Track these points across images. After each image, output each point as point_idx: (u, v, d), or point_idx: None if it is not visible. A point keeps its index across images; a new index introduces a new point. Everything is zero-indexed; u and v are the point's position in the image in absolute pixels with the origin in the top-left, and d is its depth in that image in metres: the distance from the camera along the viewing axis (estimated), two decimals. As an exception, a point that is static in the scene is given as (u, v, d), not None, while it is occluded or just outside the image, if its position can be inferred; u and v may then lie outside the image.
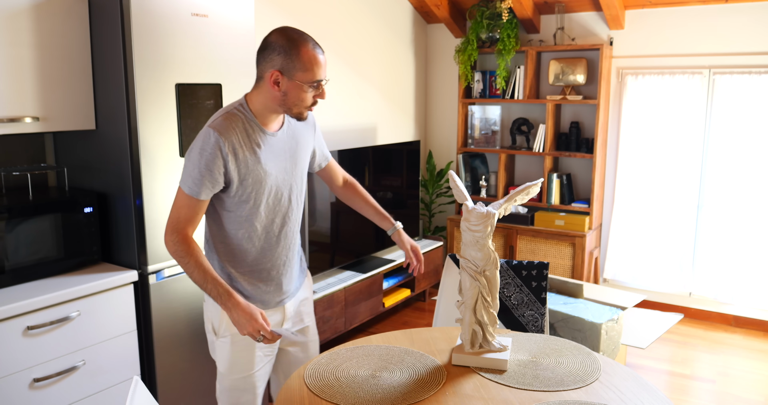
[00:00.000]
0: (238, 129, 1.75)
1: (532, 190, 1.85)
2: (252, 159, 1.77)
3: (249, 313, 1.69)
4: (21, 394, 2.03)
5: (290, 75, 1.72)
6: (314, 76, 1.73)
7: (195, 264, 1.73)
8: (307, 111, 1.82)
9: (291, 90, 1.74)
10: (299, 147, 1.94)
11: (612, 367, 1.80)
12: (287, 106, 1.77)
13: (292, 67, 1.71)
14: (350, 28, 4.21)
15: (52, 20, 2.20)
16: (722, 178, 4.10)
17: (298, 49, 1.70)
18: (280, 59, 1.71)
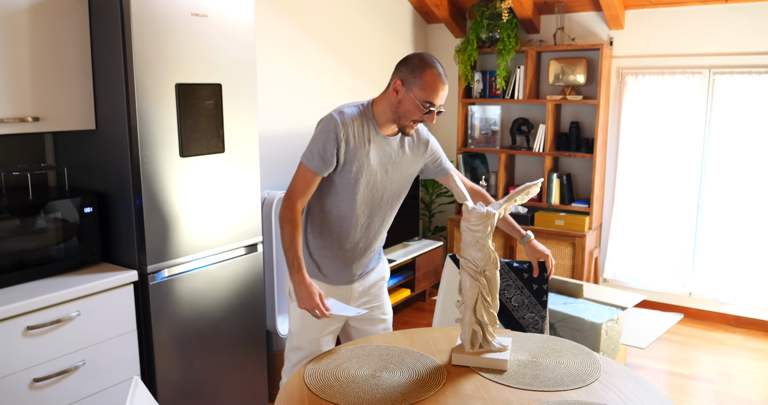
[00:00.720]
0: (356, 122, 2.01)
1: (532, 190, 1.85)
2: (360, 150, 2.01)
3: (309, 292, 1.91)
4: (21, 394, 2.03)
5: (409, 87, 1.96)
6: (427, 96, 1.95)
7: (289, 232, 1.98)
8: (411, 128, 2.02)
9: (405, 101, 1.97)
10: (406, 157, 2.14)
11: (612, 367, 1.80)
12: (398, 114, 2.00)
13: (413, 82, 1.95)
14: (350, 28, 4.21)
15: (51, 20, 2.20)
16: (722, 178, 4.10)
17: (423, 70, 1.95)
18: (407, 73, 1.97)
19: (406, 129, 2.02)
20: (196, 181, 2.47)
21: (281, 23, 3.64)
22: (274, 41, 3.62)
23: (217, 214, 2.57)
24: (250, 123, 2.68)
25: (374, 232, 2.17)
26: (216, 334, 2.63)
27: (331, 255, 2.13)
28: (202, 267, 2.54)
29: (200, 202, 2.50)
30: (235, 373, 2.75)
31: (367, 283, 2.25)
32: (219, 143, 2.54)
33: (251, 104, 2.68)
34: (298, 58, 3.79)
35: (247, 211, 2.71)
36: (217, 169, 2.55)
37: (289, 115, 3.77)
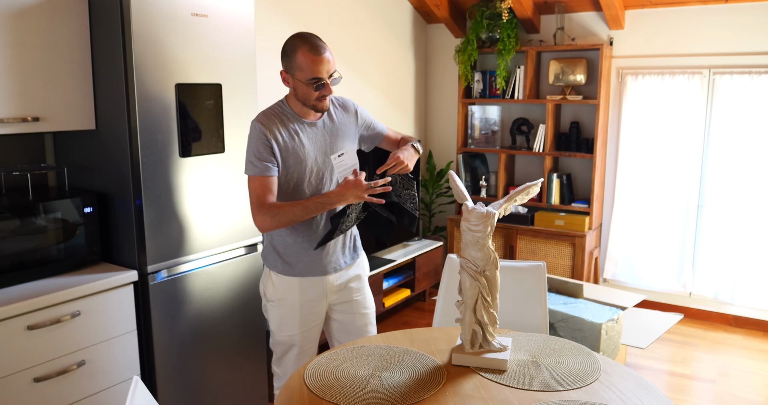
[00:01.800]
0: (276, 119, 2.08)
1: (532, 190, 1.85)
2: (290, 143, 2.06)
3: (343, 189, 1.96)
4: (21, 394, 2.03)
5: (292, 74, 2.03)
6: (309, 74, 1.98)
7: (292, 210, 1.99)
8: (321, 103, 2.06)
9: (297, 87, 2.04)
10: (340, 134, 2.19)
11: (612, 367, 1.80)
12: (301, 100, 2.06)
13: (291, 67, 2.02)
14: (350, 28, 4.21)
15: (52, 20, 2.20)
16: (722, 178, 4.10)
17: (295, 52, 1.99)
18: (284, 61, 2.04)
19: (318, 106, 2.07)
20: (196, 181, 2.47)
21: (281, 23, 3.64)
22: (274, 41, 3.62)
23: (217, 214, 2.57)
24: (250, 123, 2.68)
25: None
26: (216, 334, 2.63)
27: (301, 250, 2.16)
28: (202, 267, 2.54)
29: (200, 202, 2.50)
30: (235, 373, 2.75)
31: (344, 277, 2.26)
32: (219, 143, 2.54)
33: (251, 104, 2.68)
34: (298, 58, 3.79)
35: (247, 211, 2.70)
36: (217, 169, 2.55)
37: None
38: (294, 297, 2.19)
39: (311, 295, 2.21)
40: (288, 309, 2.20)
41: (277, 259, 2.18)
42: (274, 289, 2.20)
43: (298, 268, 2.18)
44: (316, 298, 2.22)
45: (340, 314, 2.30)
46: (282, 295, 2.19)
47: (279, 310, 2.21)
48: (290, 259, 2.17)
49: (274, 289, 2.20)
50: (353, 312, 2.31)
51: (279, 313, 2.21)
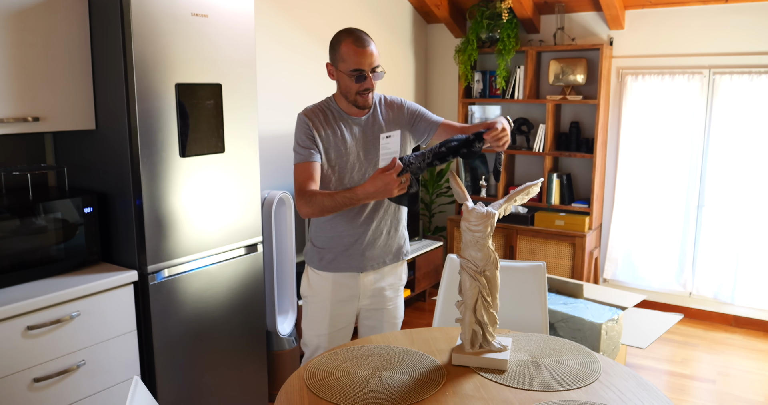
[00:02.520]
0: (320, 113, 2.12)
1: (532, 190, 1.85)
2: (333, 137, 2.09)
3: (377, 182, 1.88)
4: (21, 394, 2.03)
5: (336, 66, 2.08)
6: (351, 65, 2.02)
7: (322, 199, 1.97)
8: (364, 99, 2.08)
9: (340, 79, 2.09)
10: (386, 131, 2.16)
11: (612, 367, 1.80)
12: (344, 94, 2.10)
13: (335, 59, 2.07)
14: (350, 28, 4.21)
15: (52, 20, 2.20)
16: (722, 178, 4.10)
17: (339, 44, 2.04)
18: (331, 53, 2.09)
19: (359, 101, 2.08)
20: (196, 181, 2.47)
21: (281, 23, 3.64)
22: (274, 41, 3.62)
23: (217, 214, 2.57)
24: (250, 123, 2.68)
25: (381, 217, 2.18)
26: (216, 334, 2.63)
27: (340, 243, 2.16)
28: (202, 267, 2.54)
29: (200, 202, 2.50)
30: (235, 373, 2.75)
31: (381, 280, 2.26)
32: (219, 143, 2.54)
33: (251, 104, 2.68)
34: (298, 57, 3.79)
35: (247, 211, 2.71)
36: (217, 169, 2.55)
37: (289, 115, 3.77)
38: (326, 294, 2.19)
39: (344, 295, 2.20)
40: (319, 306, 2.21)
41: (315, 253, 2.20)
42: (308, 285, 2.23)
43: (334, 263, 2.18)
44: (348, 299, 2.22)
45: (369, 320, 2.31)
46: (315, 291, 2.21)
47: (311, 307, 2.22)
48: (326, 254, 2.18)
49: (309, 285, 2.23)
50: (382, 320, 2.31)
51: (310, 310, 2.22)
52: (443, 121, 2.28)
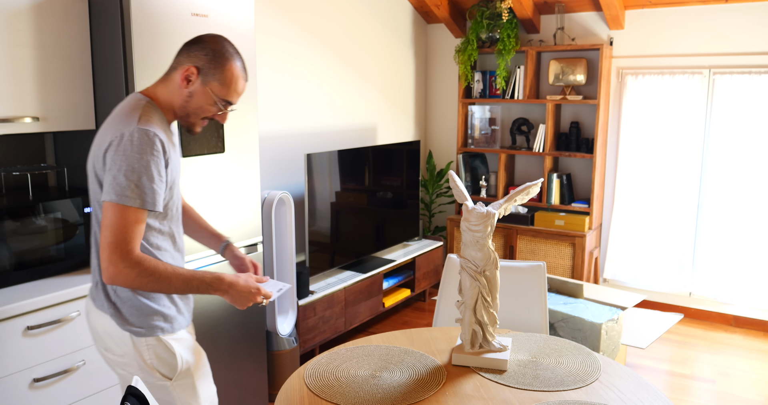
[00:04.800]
0: (160, 125, 1.58)
1: (532, 190, 1.85)
2: (175, 159, 1.64)
3: (245, 285, 1.61)
4: (21, 394, 2.03)
5: (206, 80, 1.61)
6: (227, 94, 1.63)
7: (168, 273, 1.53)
8: (200, 126, 1.68)
9: (197, 95, 1.62)
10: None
11: (612, 367, 1.80)
12: (187, 110, 1.63)
13: (211, 73, 1.61)
14: (350, 28, 4.21)
15: (52, 20, 2.20)
16: (722, 178, 4.10)
17: (227, 60, 1.61)
18: (205, 59, 1.60)
19: (194, 126, 1.66)
20: (196, 181, 2.47)
21: (281, 23, 3.64)
22: (274, 41, 3.62)
23: (217, 214, 2.57)
24: (250, 123, 2.68)
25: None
26: (216, 334, 2.63)
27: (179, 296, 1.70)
28: (202, 267, 2.54)
29: (200, 202, 2.50)
30: (235, 373, 2.75)
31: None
32: (219, 143, 2.54)
33: (251, 104, 2.68)
34: (298, 58, 3.79)
35: (247, 211, 2.71)
36: (217, 169, 2.55)
37: (289, 115, 3.77)
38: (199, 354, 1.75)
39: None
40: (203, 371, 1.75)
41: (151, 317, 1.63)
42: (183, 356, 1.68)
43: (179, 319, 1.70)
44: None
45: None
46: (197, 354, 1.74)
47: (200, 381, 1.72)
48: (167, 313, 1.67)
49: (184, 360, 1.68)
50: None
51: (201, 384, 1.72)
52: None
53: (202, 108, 1.63)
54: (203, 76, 1.60)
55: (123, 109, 1.59)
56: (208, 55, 1.60)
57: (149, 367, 1.63)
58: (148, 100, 1.62)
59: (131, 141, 1.49)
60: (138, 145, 1.49)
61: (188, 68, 1.60)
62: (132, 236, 1.50)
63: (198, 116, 1.65)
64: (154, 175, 1.51)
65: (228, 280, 1.60)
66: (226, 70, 1.61)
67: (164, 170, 1.55)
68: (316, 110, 3.97)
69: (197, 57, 1.61)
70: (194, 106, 1.63)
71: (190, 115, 1.65)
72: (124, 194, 1.48)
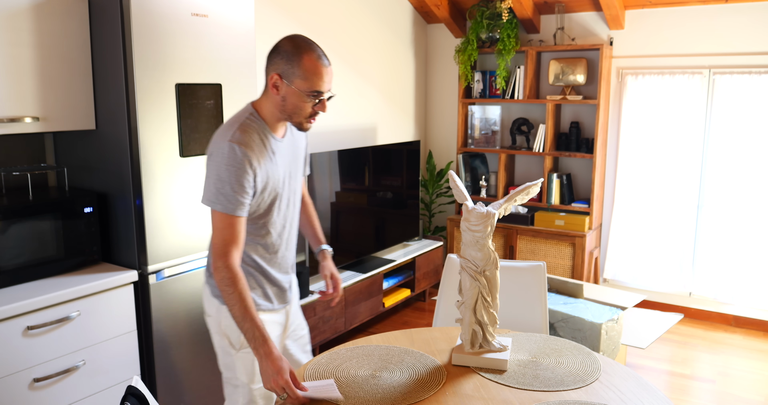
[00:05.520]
0: (256, 139, 1.75)
1: (532, 190, 1.85)
2: (270, 168, 1.79)
3: (279, 366, 1.60)
4: (21, 394, 2.03)
5: (289, 80, 1.72)
6: (312, 85, 1.72)
7: (238, 297, 1.67)
8: (309, 123, 1.80)
9: (289, 96, 1.74)
10: (298, 153, 1.97)
11: (612, 367, 1.80)
12: (287, 112, 1.77)
13: (291, 72, 1.71)
14: (350, 28, 4.21)
15: (52, 20, 2.20)
16: (722, 178, 4.10)
17: (300, 56, 1.71)
18: (282, 63, 1.72)
19: (303, 124, 1.79)
20: (196, 181, 2.47)
21: (281, 23, 3.64)
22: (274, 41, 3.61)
23: (217, 214, 2.57)
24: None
25: (294, 240, 2.00)
26: (216, 334, 2.63)
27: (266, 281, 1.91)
28: (202, 267, 2.54)
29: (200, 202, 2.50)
30: (235, 373, 2.75)
31: (294, 306, 2.06)
32: (219, 143, 2.54)
33: (251, 104, 2.68)
34: (298, 58, 3.79)
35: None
36: (217, 169, 2.55)
37: (289, 115, 3.77)
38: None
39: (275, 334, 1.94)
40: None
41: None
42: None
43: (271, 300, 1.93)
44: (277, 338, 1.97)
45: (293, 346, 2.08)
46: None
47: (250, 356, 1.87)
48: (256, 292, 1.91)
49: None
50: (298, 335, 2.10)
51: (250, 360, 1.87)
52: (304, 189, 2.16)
53: (297, 106, 1.75)
54: (286, 78, 1.72)
55: (228, 121, 1.79)
56: (284, 57, 1.72)
57: (222, 332, 1.86)
58: (251, 112, 1.79)
59: (222, 153, 1.70)
60: (226, 158, 1.69)
61: (272, 76, 1.74)
62: (225, 238, 1.71)
63: (299, 115, 1.77)
64: (237, 184, 1.69)
65: (266, 351, 1.63)
66: (302, 65, 1.71)
67: (249, 181, 1.71)
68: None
69: (276, 64, 1.74)
70: (290, 107, 1.75)
71: (292, 116, 1.78)
72: (212, 200, 1.71)
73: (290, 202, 1.92)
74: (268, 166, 1.77)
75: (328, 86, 1.76)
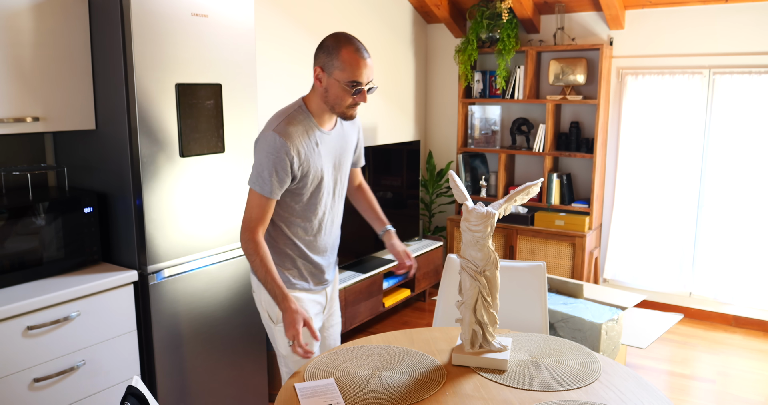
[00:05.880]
0: (300, 131, 1.91)
1: (532, 190, 1.85)
2: (312, 158, 1.94)
3: (293, 318, 1.81)
4: (21, 394, 2.03)
5: (329, 72, 1.87)
6: (350, 76, 1.85)
7: (260, 262, 1.89)
8: (352, 111, 1.94)
9: (330, 87, 1.89)
10: (347, 145, 2.10)
11: (612, 367, 1.80)
12: (330, 103, 1.92)
13: (331, 64, 1.86)
14: (350, 28, 4.21)
15: (52, 20, 2.20)
16: (722, 178, 4.10)
17: (339, 49, 1.85)
18: (323, 57, 1.88)
19: (346, 114, 1.94)
20: (196, 181, 2.47)
21: (281, 23, 3.64)
22: (274, 41, 3.62)
23: (217, 214, 2.57)
24: (250, 123, 2.68)
25: (337, 228, 2.18)
26: (216, 334, 2.63)
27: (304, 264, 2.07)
28: (202, 267, 2.54)
29: (200, 202, 2.50)
30: (235, 373, 2.75)
31: (332, 287, 2.22)
32: (219, 143, 2.54)
33: (251, 104, 2.68)
34: (298, 57, 3.79)
35: (247, 211, 2.71)
36: (217, 169, 2.55)
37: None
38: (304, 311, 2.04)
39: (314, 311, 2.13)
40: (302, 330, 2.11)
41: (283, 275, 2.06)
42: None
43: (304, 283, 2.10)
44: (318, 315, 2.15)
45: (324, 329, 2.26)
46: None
47: None
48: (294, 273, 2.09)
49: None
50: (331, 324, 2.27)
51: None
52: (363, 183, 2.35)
53: (338, 96, 1.89)
54: (327, 70, 1.88)
55: (278, 112, 1.97)
56: (324, 51, 1.88)
57: (262, 307, 2.08)
58: (300, 105, 1.96)
59: (266, 141, 1.88)
60: (268, 146, 1.87)
61: (315, 69, 1.90)
62: (253, 216, 1.91)
63: (341, 105, 1.91)
64: (273, 171, 1.87)
65: (285, 306, 1.85)
66: (340, 56, 1.85)
67: (286, 169, 1.88)
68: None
69: (318, 58, 1.90)
70: (333, 97, 1.90)
71: (334, 107, 1.92)
72: (253, 181, 1.91)
73: (333, 190, 2.07)
74: (309, 156, 1.92)
75: (368, 78, 1.89)
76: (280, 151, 1.86)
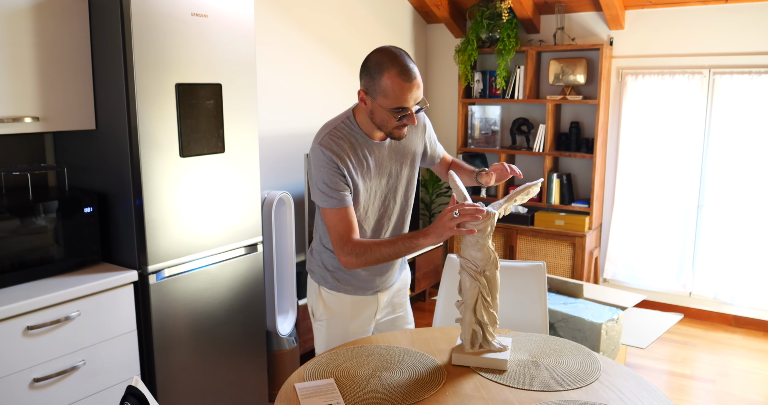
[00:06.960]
0: (344, 142, 1.85)
1: (532, 190, 1.85)
2: (360, 169, 1.88)
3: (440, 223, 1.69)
4: (21, 394, 2.03)
5: (373, 96, 1.78)
6: (394, 103, 1.75)
7: (386, 252, 1.79)
8: (400, 131, 1.84)
9: (375, 111, 1.80)
10: (406, 151, 2.01)
11: (612, 367, 1.80)
12: (376, 124, 1.84)
13: (374, 90, 1.77)
14: (350, 28, 4.21)
15: (52, 20, 2.20)
16: (722, 178, 4.10)
17: (381, 74, 1.74)
18: (366, 79, 1.78)
19: (395, 134, 1.85)
20: (196, 181, 2.47)
21: (281, 23, 3.64)
22: (274, 41, 3.62)
23: (217, 214, 2.57)
24: (250, 123, 2.68)
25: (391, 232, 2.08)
26: (216, 334, 2.63)
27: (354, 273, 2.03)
28: (202, 267, 2.54)
29: (200, 202, 2.50)
30: (235, 373, 2.75)
31: (391, 292, 2.17)
32: (219, 143, 2.54)
33: (251, 104, 2.68)
34: (298, 58, 3.79)
35: (247, 211, 2.71)
36: (217, 169, 2.55)
37: (289, 115, 3.77)
38: (345, 314, 2.06)
39: (363, 315, 2.09)
40: (338, 329, 2.07)
41: (327, 273, 2.04)
42: (324, 307, 2.06)
43: (349, 288, 2.05)
44: (366, 318, 2.10)
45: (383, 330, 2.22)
46: (333, 312, 2.06)
47: (327, 331, 2.07)
48: (340, 276, 2.04)
49: (325, 307, 2.06)
50: (395, 328, 2.22)
51: (327, 333, 2.07)
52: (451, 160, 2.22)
53: (384, 120, 1.81)
54: (370, 95, 1.78)
55: (325, 124, 1.92)
56: (368, 74, 1.77)
57: (309, 302, 2.13)
58: (348, 116, 1.90)
59: (314, 156, 1.85)
60: (316, 159, 1.84)
61: (359, 92, 1.81)
62: (341, 230, 1.83)
63: (387, 127, 1.83)
64: (329, 182, 1.82)
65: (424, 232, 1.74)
66: (382, 83, 1.74)
67: (342, 177, 1.83)
68: (316, 110, 3.97)
69: (363, 79, 1.80)
70: (378, 120, 1.82)
71: (381, 127, 1.84)
72: (317, 198, 1.86)
73: (387, 199, 2.00)
74: (357, 168, 1.87)
75: (414, 101, 1.78)
76: (328, 163, 1.81)
